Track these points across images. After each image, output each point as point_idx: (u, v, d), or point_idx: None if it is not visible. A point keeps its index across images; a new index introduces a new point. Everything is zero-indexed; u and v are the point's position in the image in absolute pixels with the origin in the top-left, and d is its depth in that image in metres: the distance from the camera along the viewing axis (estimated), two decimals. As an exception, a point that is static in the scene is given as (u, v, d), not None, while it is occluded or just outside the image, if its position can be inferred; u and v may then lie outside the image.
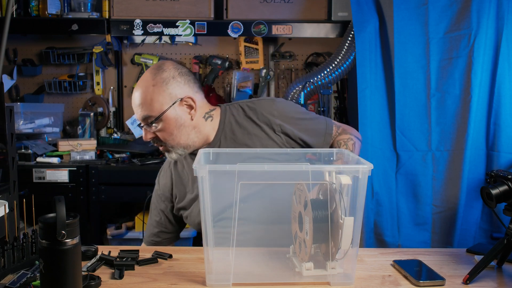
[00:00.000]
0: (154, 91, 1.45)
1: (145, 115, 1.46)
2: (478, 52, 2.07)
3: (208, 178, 1.15)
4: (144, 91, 1.46)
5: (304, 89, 2.55)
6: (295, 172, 1.21)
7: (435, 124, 2.16)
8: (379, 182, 2.23)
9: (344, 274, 1.22)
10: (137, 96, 1.47)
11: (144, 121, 1.47)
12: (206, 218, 1.18)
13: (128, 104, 3.10)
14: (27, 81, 3.09)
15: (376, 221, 2.25)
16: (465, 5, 2.07)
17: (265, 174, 1.20)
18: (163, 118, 1.46)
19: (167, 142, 1.50)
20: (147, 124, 1.47)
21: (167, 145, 1.51)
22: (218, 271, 1.21)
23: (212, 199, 1.17)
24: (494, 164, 2.08)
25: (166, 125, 1.47)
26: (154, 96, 1.45)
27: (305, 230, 1.17)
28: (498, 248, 1.24)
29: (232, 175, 1.15)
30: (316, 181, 1.19)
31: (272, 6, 2.72)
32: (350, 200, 1.19)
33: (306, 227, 1.17)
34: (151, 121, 1.46)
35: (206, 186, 1.15)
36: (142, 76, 1.52)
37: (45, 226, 1.01)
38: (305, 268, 1.18)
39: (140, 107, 1.46)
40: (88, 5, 2.85)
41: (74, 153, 2.62)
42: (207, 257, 1.19)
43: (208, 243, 1.19)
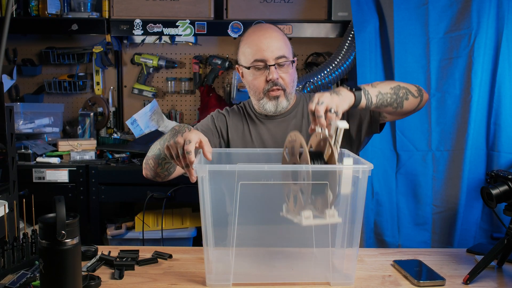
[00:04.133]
0: (285, 38, 1.61)
1: (282, 55, 1.56)
2: (478, 52, 2.07)
3: (208, 178, 1.15)
4: (278, 34, 1.59)
5: (304, 89, 2.55)
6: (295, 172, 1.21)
7: (435, 124, 2.16)
8: (379, 182, 2.23)
9: (344, 274, 1.22)
10: (277, 36, 1.58)
11: (277, 60, 1.55)
12: (206, 218, 1.17)
13: (128, 104, 3.10)
14: (27, 81, 3.09)
15: (376, 221, 2.25)
16: (465, 5, 2.07)
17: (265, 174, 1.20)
18: (293, 64, 1.60)
19: (288, 87, 1.59)
20: (278, 64, 1.56)
21: (286, 89, 1.59)
22: (218, 271, 1.21)
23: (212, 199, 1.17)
24: (494, 164, 2.08)
25: (293, 70, 1.60)
26: (287, 42, 1.61)
27: (301, 177, 1.13)
28: (498, 248, 1.24)
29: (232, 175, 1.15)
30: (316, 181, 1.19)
31: (272, 6, 2.72)
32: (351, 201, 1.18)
33: (303, 174, 1.13)
34: (285, 61, 1.56)
35: (206, 186, 1.15)
36: (264, 25, 1.66)
37: (45, 226, 1.01)
38: (304, 216, 1.13)
39: (280, 46, 1.56)
40: (88, 5, 2.85)
41: (74, 153, 2.62)
42: (207, 257, 1.19)
43: (208, 243, 1.19)
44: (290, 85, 1.59)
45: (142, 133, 2.87)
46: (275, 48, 1.55)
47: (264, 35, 1.57)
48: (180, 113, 3.07)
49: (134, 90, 3.05)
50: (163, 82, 3.09)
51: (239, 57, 1.64)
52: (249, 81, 1.61)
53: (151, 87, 3.05)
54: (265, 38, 1.56)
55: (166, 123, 2.97)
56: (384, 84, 1.46)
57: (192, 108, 3.09)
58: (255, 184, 1.20)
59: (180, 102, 3.11)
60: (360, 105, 1.35)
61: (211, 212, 1.17)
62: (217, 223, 1.21)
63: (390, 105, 1.43)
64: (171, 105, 3.11)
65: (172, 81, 3.07)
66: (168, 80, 3.07)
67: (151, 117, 2.93)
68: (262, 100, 1.60)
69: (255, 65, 1.56)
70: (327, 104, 1.22)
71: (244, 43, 1.61)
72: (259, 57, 1.55)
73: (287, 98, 1.60)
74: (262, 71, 1.57)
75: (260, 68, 1.56)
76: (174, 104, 3.11)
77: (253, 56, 1.56)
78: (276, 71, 1.55)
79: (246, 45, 1.60)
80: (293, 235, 1.30)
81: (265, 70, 1.56)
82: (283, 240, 1.31)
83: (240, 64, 1.64)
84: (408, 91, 1.48)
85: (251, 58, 1.57)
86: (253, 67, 1.57)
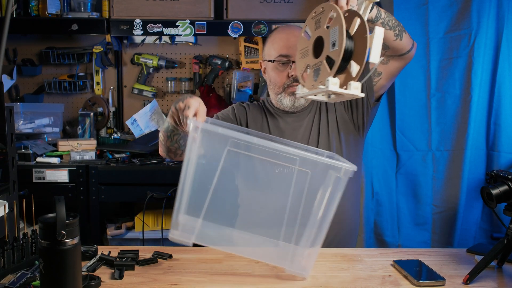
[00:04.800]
0: None
1: None
2: (478, 52, 2.07)
3: (201, 137, 1.14)
4: None
5: (304, 89, 2.55)
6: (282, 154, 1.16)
7: (435, 124, 2.16)
8: (379, 182, 2.23)
9: (302, 266, 1.22)
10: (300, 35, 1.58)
11: None
12: (186, 179, 1.16)
13: (128, 104, 3.10)
14: (27, 81, 3.09)
15: (376, 221, 2.25)
16: (465, 5, 2.07)
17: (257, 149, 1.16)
18: None
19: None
20: None
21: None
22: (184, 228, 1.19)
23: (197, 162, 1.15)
24: (494, 164, 2.08)
25: None
26: None
27: (329, 44, 1.08)
28: (498, 248, 1.24)
29: (223, 140, 1.13)
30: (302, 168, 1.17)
31: (272, 6, 2.72)
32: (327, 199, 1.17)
33: (332, 39, 1.07)
34: None
35: (195, 145, 1.13)
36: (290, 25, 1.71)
37: (45, 226, 1.01)
38: (331, 83, 1.05)
39: None
40: (88, 5, 2.85)
41: (74, 153, 2.62)
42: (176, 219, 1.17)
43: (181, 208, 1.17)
44: None
45: (142, 133, 2.87)
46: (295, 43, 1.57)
47: (292, 33, 1.62)
48: (180, 113, 3.06)
49: (134, 90, 3.05)
50: (163, 82, 3.09)
51: (264, 52, 1.68)
52: (271, 75, 1.65)
53: (151, 87, 3.05)
54: (293, 36, 1.60)
55: (166, 123, 2.96)
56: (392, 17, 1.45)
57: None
58: (242, 155, 1.17)
59: (180, 102, 3.10)
60: (370, 14, 1.31)
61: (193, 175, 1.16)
62: (196, 189, 1.18)
63: (392, 29, 1.40)
64: (171, 105, 3.11)
65: (172, 81, 3.07)
66: (168, 80, 3.07)
67: (151, 117, 2.93)
68: (280, 94, 1.63)
69: (280, 59, 1.60)
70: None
71: (272, 39, 1.66)
72: (284, 52, 1.59)
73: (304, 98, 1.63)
74: (285, 67, 1.60)
75: (283, 63, 1.60)
76: (174, 104, 3.11)
77: (279, 51, 1.60)
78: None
79: (273, 40, 1.64)
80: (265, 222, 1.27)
81: (288, 65, 1.60)
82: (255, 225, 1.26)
83: (265, 59, 1.68)
84: (404, 30, 1.46)
85: (276, 53, 1.61)
86: (277, 61, 1.61)
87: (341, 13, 1.08)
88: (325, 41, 1.11)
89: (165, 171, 2.50)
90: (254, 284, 1.20)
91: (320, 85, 1.09)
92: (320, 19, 1.17)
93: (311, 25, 1.20)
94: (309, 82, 1.15)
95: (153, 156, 2.66)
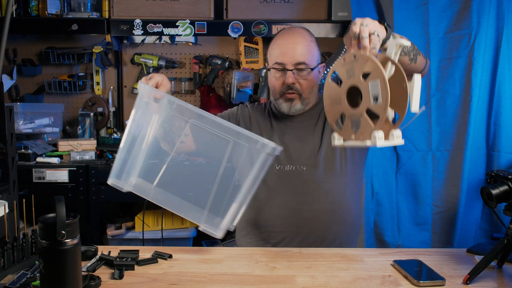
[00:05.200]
0: (312, 45, 1.64)
1: (302, 61, 1.59)
2: (478, 52, 2.07)
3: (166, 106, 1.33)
4: (304, 41, 1.62)
5: (304, 89, 2.55)
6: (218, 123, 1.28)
7: (435, 124, 2.16)
8: (379, 182, 2.23)
9: (220, 227, 1.29)
10: (302, 42, 1.61)
11: (297, 66, 1.59)
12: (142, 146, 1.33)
13: (128, 104, 3.10)
14: (27, 81, 3.09)
15: (376, 221, 2.25)
16: (465, 5, 2.07)
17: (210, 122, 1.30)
18: (313, 71, 1.62)
19: (304, 92, 1.63)
20: (297, 70, 1.60)
21: (302, 94, 1.63)
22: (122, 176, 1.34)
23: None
24: (494, 164, 2.08)
25: (312, 77, 1.63)
26: (312, 49, 1.63)
27: (370, 98, 1.08)
28: (498, 248, 1.24)
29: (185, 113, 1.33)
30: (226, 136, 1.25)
31: (272, 6, 2.72)
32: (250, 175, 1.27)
33: (373, 93, 1.07)
34: (304, 68, 1.60)
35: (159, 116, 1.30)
36: (294, 29, 1.69)
37: (45, 226, 1.01)
38: (377, 137, 1.09)
39: (302, 53, 1.60)
40: (88, 5, 2.84)
41: (74, 153, 2.62)
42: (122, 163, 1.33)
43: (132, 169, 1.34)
44: (307, 90, 1.64)
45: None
46: (296, 54, 1.59)
47: (288, 39, 1.62)
48: (180, 113, 3.06)
49: (134, 90, 3.05)
50: (163, 82, 3.09)
51: (267, 56, 1.70)
52: (270, 80, 1.68)
53: (151, 87, 3.04)
54: (289, 43, 1.61)
55: (166, 123, 2.96)
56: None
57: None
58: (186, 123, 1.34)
59: (180, 102, 3.10)
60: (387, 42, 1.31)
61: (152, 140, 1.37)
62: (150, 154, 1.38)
63: (407, 55, 1.40)
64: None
65: (172, 81, 3.07)
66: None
67: (151, 117, 2.93)
68: (278, 100, 1.67)
69: (275, 67, 1.62)
70: (371, 27, 1.18)
71: (272, 44, 1.67)
72: (279, 60, 1.61)
73: (303, 103, 1.65)
74: (281, 74, 1.62)
75: (279, 70, 1.62)
76: (174, 104, 3.11)
77: (275, 58, 1.62)
78: (293, 76, 1.60)
79: (273, 46, 1.66)
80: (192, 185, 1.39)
81: (283, 73, 1.62)
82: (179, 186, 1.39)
83: (267, 63, 1.71)
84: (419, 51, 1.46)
85: (273, 60, 1.63)
86: (273, 68, 1.63)
87: (380, 66, 1.07)
88: (364, 92, 1.11)
89: (165, 171, 2.50)
90: (254, 284, 1.20)
91: (364, 139, 1.10)
92: (353, 68, 1.16)
93: (341, 72, 1.20)
94: (347, 132, 1.17)
95: (153, 156, 2.66)
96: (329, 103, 1.24)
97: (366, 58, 1.12)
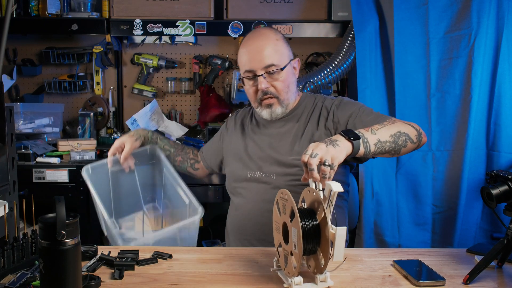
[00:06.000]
0: (279, 44, 1.58)
1: (270, 64, 1.54)
2: (478, 52, 2.07)
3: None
4: (269, 42, 1.57)
5: (304, 89, 2.55)
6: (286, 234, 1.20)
7: (435, 124, 2.16)
8: (379, 182, 2.23)
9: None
10: (263, 45, 1.56)
11: (266, 69, 1.55)
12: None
13: (128, 104, 3.10)
14: (27, 81, 3.09)
15: (376, 221, 2.24)
16: (465, 5, 2.07)
17: None
18: (284, 70, 1.56)
19: (280, 94, 1.58)
20: (268, 73, 1.55)
21: (279, 97, 1.58)
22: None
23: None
24: (494, 164, 2.08)
25: (285, 76, 1.57)
26: (280, 48, 1.57)
27: (292, 243, 1.12)
28: (498, 248, 1.24)
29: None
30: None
31: (272, 6, 2.72)
32: None
33: (294, 239, 1.11)
34: (274, 69, 1.55)
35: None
36: (258, 31, 1.65)
37: (45, 226, 1.01)
38: (294, 283, 1.13)
39: (268, 55, 1.54)
40: (88, 5, 2.84)
41: (74, 153, 2.62)
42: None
43: None
44: (284, 91, 1.59)
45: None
46: (263, 57, 1.54)
47: (253, 44, 1.58)
48: (180, 113, 3.07)
49: (134, 90, 3.05)
50: (163, 82, 3.10)
51: (238, 65, 1.66)
52: (246, 90, 1.64)
53: (151, 87, 3.05)
54: (254, 47, 1.57)
55: (166, 123, 2.97)
56: (385, 129, 1.37)
57: (192, 108, 3.09)
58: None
59: (180, 102, 3.11)
60: (358, 154, 1.29)
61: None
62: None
63: (388, 153, 1.38)
64: (171, 105, 3.11)
65: (172, 81, 3.07)
66: (168, 80, 3.07)
67: (151, 117, 2.93)
68: (258, 108, 1.63)
69: (246, 75, 1.59)
70: (321, 156, 1.16)
71: (239, 52, 1.63)
72: (248, 67, 1.57)
73: (282, 105, 1.60)
74: (253, 81, 1.58)
75: (250, 78, 1.58)
76: (174, 104, 3.11)
77: (244, 66, 1.59)
78: (265, 81, 1.55)
79: (240, 54, 1.62)
80: None
81: (255, 80, 1.57)
82: None
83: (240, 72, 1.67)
84: (407, 138, 1.40)
85: (243, 68, 1.60)
86: (244, 77, 1.60)
87: (298, 219, 1.07)
88: (289, 234, 1.14)
89: (165, 171, 2.50)
90: (254, 284, 1.20)
91: (289, 276, 1.15)
92: (284, 205, 1.17)
93: (280, 205, 1.20)
94: (282, 263, 1.20)
95: (153, 156, 2.66)
96: (274, 227, 1.25)
97: (291, 203, 1.12)
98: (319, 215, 1.12)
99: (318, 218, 1.12)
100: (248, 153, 1.66)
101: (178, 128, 2.95)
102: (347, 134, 1.27)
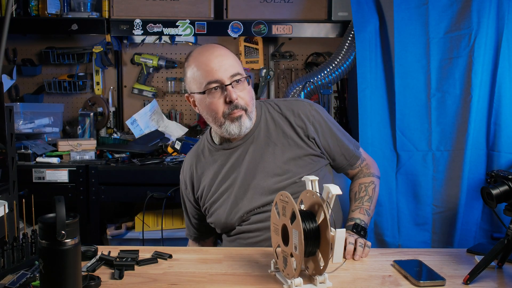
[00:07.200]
0: (233, 55, 1.53)
1: (237, 72, 1.47)
2: (479, 52, 2.07)
3: None
4: (227, 53, 1.51)
5: (304, 89, 2.55)
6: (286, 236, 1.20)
7: (435, 124, 2.16)
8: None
9: None
10: (226, 53, 1.50)
11: (233, 77, 1.46)
12: None
13: (128, 104, 3.10)
14: (26, 81, 3.09)
15: (376, 221, 2.24)
16: (466, 5, 2.07)
17: None
18: (247, 81, 1.50)
19: (248, 105, 1.49)
20: (235, 81, 1.46)
21: (247, 109, 1.49)
22: None
23: None
24: (494, 164, 2.08)
25: (249, 87, 1.51)
26: (236, 58, 1.52)
27: (293, 244, 1.12)
28: (498, 248, 1.24)
29: None
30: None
31: (272, 6, 2.72)
32: None
33: (294, 241, 1.11)
34: (241, 78, 1.47)
35: None
36: (208, 45, 1.53)
37: (45, 226, 1.01)
38: (294, 284, 1.13)
39: (231, 63, 1.48)
40: (88, 5, 2.84)
41: (74, 153, 2.62)
42: None
43: None
44: (250, 103, 1.50)
45: (142, 133, 2.87)
46: (228, 65, 1.45)
47: (212, 54, 1.47)
48: (180, 113, 3.07)
49: (134, 90, 3.05)
50: (163, 82, 3.10)
51: (189, 85, 1.52)
52: (207, 106, 1.48)
53: (151, 87, 3.05)
54: (215, 57, 1.46)
55: (166, 123, 2.97)
56: (372, 204, 1.61)
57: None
58: None
59: (180, 102, 3.11)
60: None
61: None
62: None
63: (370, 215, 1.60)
64: (171, 105, 3.11)
65: (172, 81, 3.07)
66: (168, 80, 3.07)
67: (151, 117, 2.93)
68: (224, 124, 1.48)
69: (210, 87, 1.45)
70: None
71: (192, 67, 1.49)
72: (212, 78, 1.44)
73: (249, 117, 1.50)
74: (219, 93, 1.45)
75: (216, 90, 1.45)
76: (174, 104, 3.11)
77: (206, 78, 1.45)
78: (234, 91, 1.44)
79: (194, 68, 1.48)
80: None
81: (222, 91, 1.45)
82: None
83: (192, 92, 1.51)
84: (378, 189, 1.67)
85: (204, 81, 1.45)
86: (208, 90, 1.45)
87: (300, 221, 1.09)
88: (289, 236, 1.15)
89: (165, 171, 2.50)
90: (254, 284, 1.20)
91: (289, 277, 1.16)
92: (284, 208, 1.18)
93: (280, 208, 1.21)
94: (281, 265, 1.21)
95: (153, 156, 2.66)
96: (272, 229, 1.25)
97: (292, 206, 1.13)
98: (318, 217, 1.14)
99: (318, 220, 1.14)
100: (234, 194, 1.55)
101: (178, 128, 2.95)
102: (358, 231, 1.48)
